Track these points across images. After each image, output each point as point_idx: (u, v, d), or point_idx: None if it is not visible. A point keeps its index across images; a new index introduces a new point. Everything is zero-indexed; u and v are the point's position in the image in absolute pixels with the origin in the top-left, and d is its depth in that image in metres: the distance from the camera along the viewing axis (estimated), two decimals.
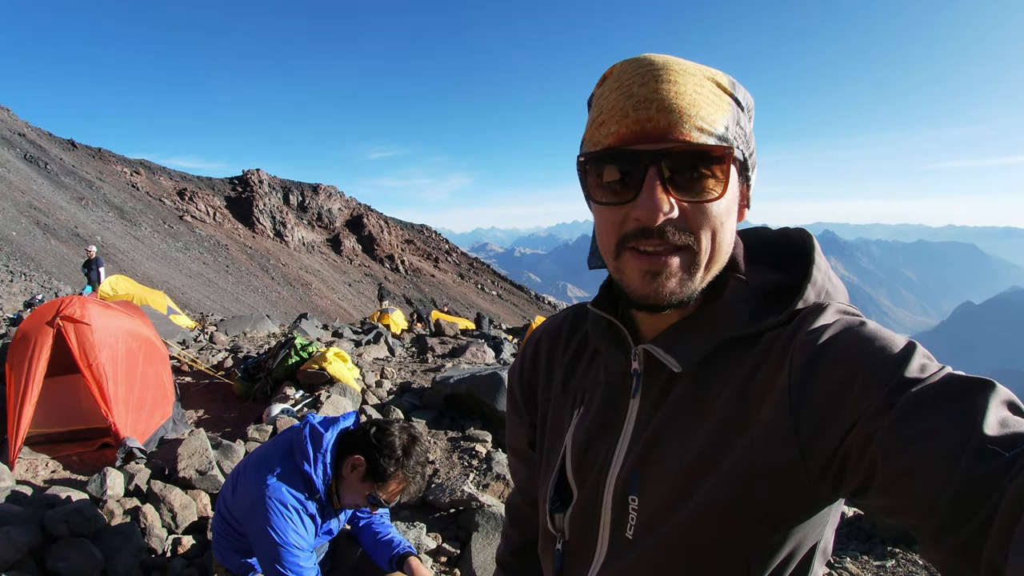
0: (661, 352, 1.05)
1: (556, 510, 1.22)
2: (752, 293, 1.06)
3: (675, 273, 0.97)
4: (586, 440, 1.17)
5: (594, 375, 1.23)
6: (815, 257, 1.05)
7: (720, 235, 0.98)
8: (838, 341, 0.91)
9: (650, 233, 0.95)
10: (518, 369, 1.44)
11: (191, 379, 8.43)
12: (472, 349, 13.57)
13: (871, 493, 0.83)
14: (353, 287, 71.20)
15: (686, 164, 0.93)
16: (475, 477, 6.09)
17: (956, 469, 0.72)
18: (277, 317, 27.23)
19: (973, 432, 0.74)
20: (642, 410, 1.10)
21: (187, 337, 12.00)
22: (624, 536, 1.07)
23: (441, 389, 8.07)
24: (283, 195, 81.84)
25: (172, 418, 6.17)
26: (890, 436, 0.79)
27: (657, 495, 1.03)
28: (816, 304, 1.00)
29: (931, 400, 0.79)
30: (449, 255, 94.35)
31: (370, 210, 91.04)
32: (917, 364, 0.84)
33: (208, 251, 59.18)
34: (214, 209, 70.11)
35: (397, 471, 2.75)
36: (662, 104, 0.93)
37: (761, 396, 0.96)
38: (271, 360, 8.26)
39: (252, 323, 15.40)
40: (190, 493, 4.45)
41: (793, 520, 0.95)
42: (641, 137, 0.94)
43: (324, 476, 2.76)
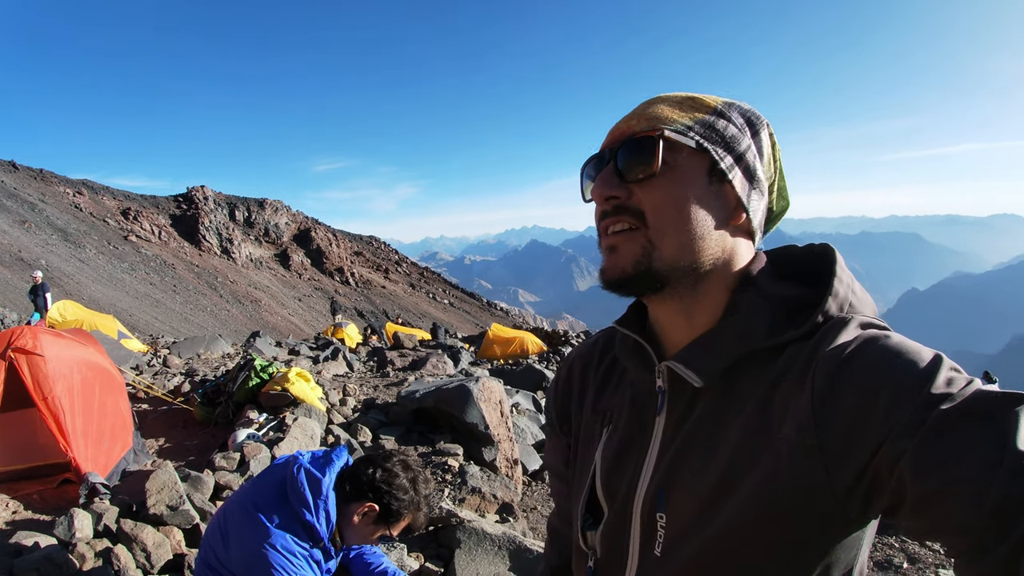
0: (682, 368, 1.05)
1: (588, 528, 1.23)
2: (772, 306, 1.05)
3: (627, 250, 1.05)
4: (614, 458, 1.19)
5: (622, 394, 1.24)
6: (837, 270, 1.05)
7: (678, 218, 1.03)
8: (861, 356, 0.90)
9: (607, 214, 1.08)
10: (553, 390, 1.47)
11: (148, 406, 8.19)
12: (432, 360, 13.52)
13: (902, 513, 0.83)
14: (303, 302, 70.40)
15: (630, 151, 1.05)
16: (451, 492, 6.02)
17: (990, 488, 0.72)
18: (228, 336, 26.76)
19: (1006, 449, 0.73)
20: (668, 427, 1.10)
21: (140, 362, 11.70)
22: (653, 553, 1.07)
23: (407, 404, 8.01)
24: (229, 211, 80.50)
25: (133, 448, 5.98)
26: (919, 455, 0.78)
27: (684, 512, 1.03)
28: (839, 318, 1.00)
29: (960, 417, 0.78)
30: (399, 265, 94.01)
31: (318, 223, 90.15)
32: (944, 379, 0.83)
33: (155, 271, 57.96)
34: (159, 228, 68.65)
35: (410, 514, 2.74)
36: (632, 115, 1.10)
37: (783, 413, 0.95)
38: (231, 383, 8.07)
39: (205, 344, 15.10)
40: (162, 530, 4.29)
41: (822, 541, 0.94)
42: (612, 142, 1.10)
43: (328, 524, 2.66)
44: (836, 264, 1.06)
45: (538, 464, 8.37)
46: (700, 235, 1.04)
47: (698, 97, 1.10)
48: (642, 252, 1.04)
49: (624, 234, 1.06)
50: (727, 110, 1.09)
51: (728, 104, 1.10)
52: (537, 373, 13.28)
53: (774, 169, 1.14)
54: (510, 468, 7.51)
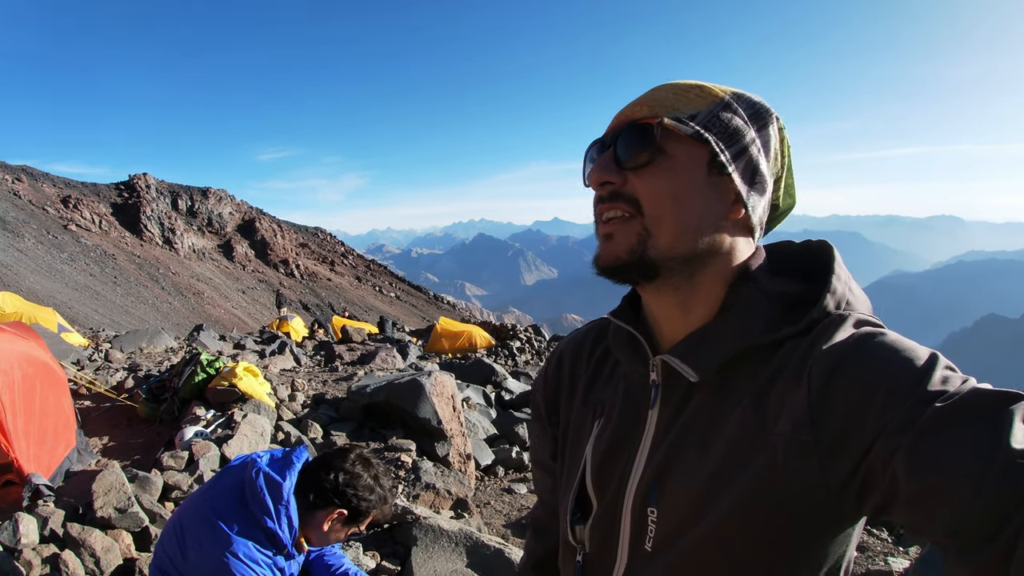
0: (678, 362, 1.05)
1: (576, 522, 1.22)
2: (769, 302, 1.05)
3: (622, 238, 1.05)
4: (606, 452, 1.18)
5: (614, 387, 1.24)
6: (835, 267, 1.06)
7: (674, 208, 1.03)
8: (857, 353, 0.91)
9: (603, 200, 1.08)
10: (542, 382, 1.46)
11: (91, 403, 7.93)
12: (381, 355, 13.47)
13: (895, 510, 0.83)
14: (247, 294, 69.16)
15: (630, 138, 1.05)
16: (404, 488, 6.00)
17: (983, 485, 0.73)
18: (171, 329, 26.20)
19: (1000, 446, 0.74)
20: (660, 421, 1.10)
21: (81, 356, 11.34)
22: (643, 548, 1.07)
23: (358, 399, 7.95)
24: (171, 200, 78.19)
25: (77, 448, 5.77)
26: (913, 452, 0.79)
27: (675, 507, 1.03)
28: (837, 315, 1.00)
29: (955, 415, 0.78)
30: (345, 258, 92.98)
31: (262, 213, 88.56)
32: (939, 376, 0.84)
33: (95, 262, 56.15)
34: (100, 217, 66.35)
35: (376, 509, 2.72)
36: (636, 101, 1.09)
37: (779, 408, 0.95)
38: (176, 379, 7.86)
39: (148, 338, 14.73)
40: (111, 534, 4.16)
41: (815, 537, 0.95)
42: (615, 127, 1.09)
43: (291, 531, 2.59)
44: (835, 261, 1.07)
45: (490, 459, 8.40)
46: (696, 226, 1.04)
47: (706, 86, 1.08)
48: (637, 240, 1.04)
49: (619, 222, 1.06)
50: (734, 101, 1.08)
51: (737, 95, 1.09)
52: (486, 367, 13.30)
53: (781, 165, 1.14)
54: (463, 463, 7.51)
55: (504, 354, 21.23)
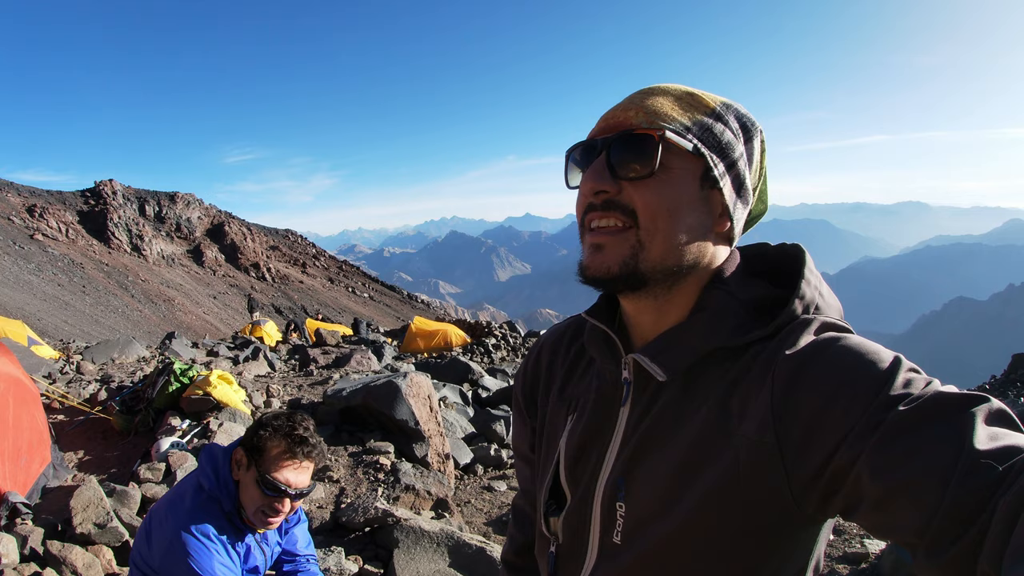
0: (647, 361, 1.07)
1: (551, 513, 1.25)
2: (740, 305, 1.07)
3: (615, 250, 1.04)
4: (578, 446, 1.20)
5: (588, 382, 1.25)
6: (805, 272, 1.08)
7: (666, 221, 1.03)
8: (821, 357, 0.93)
9: (595, 207, 1.07)
10: (522, 375, 1.48)
11: (64, 417, 7.83)
12: (356, 357, 13.40)
13: (860, 512, 0.84)
14: (219, 299, 68.41)
15: (626, 147, 1.04)
16: (384, 491, 6.01)
17: (947, 486, 0.74)
18: (142, 338, 25.88)
19: (963, 448, 0.75)
20: (631, 418, 1.12)
21: (52, 370, 11.18)
22: (612, 541, 1.09)
23: (335, 403, 7.92)
24: (139, 206, 76.84)
25: (52, 463, 5.72)
26: (877, 456, 0.80)
27: (642, 503, 1.05)
28: (803, 319, 1.02)
29: (918, 418, 0.80)
30: (317, 259, 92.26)
31: (231, 217, 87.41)
32: (902, 380, 0.85)
33: (63, 271, 55.21)
34: (66, 225, 65.07)
35: (271, 437, 2.52)
36: (628, 104, 1.08)
37: (743, 410, 0.97)
38: (150, 389, 7.80)
39: (120, 348, 14.55)
40: (91, 550, 4.14)
41: (779, 536, 0.96)
42: (605, 131, 1.09)
43: (227, 488, 2.54)
44: (805, 266, 1.09)
45: (469, 458, 8.41)
46: (686, 240, 1.05)
47: (698, 95, 1.09)
48: (630, 252, 1.03)
49: (612, 232, 1.05)
50: (725, 112, 1.09)
51: (726, 106, 1.10)
52: (462, 365, 13.31)
53: (759, 175, 1.16)
54: (442, 463, 7.52)
55: (480, 352, 21.21)
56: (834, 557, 5.56)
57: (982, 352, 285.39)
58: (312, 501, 5.79)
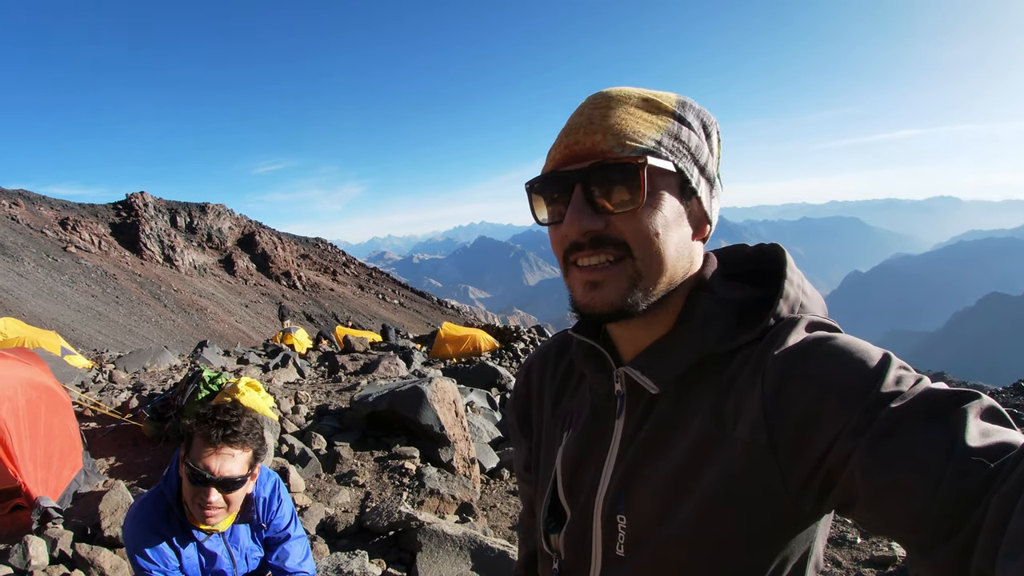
0: (638, 374, 1.06)
1: (551, 530, 1.24)
2: (725, 310, 1.06)
3: (613, 284, 1.01)
4: (575, 462, 1.20)
5: (580, 398, 1.25)
6: (787, 272, 1.07)
7: (660, 245, 1.00)
8: (810, 356, 0.93)
9: (581, 246, 1.02)
10: (513, 396, 1.48)
11: (96, 424, 8.00)
12: (384, 363, 13.44)
13: (855, 510, 0.85)
14: (250, 308, 69.00)
15: (605, 178, 0.99)
16: (409, 495, 6.04)
17: (940, 483, 0.74)
18: (175, 347, 26.21)
19: (955, 445, 0.75)
20: (626, 431, 1.11)
21: (85, 379, 11.41)
22: (615, 553, 1.09)
23: (361, 408, 7.98)
24: (170, 217, 77.97)
25: (83, 469, 5.84)
26: (870, 454, 0.80)
27: (642, 514, 1.05)
28: (789, 319, 1.01)
29: (909, 415, 0.80)
30: (347, 267, 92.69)
31: (262, 227, 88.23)
32: (893, 377, 0.85)
33: (96, 282, 56.04)
34: (99, 237, 66.11)
35: (194, 426, 2.50)
36: (589, 127, 1.01)
37: (736, 414, 0.97)
38: (180, 396, 7.91)
39: (152, 357, 14.77)
40: (119, 552, 4.23)
41: (778, 536, 0.97)
42: (571, 159, 1.03)
43: (170, 484, 2.58)
44: (786, 265, 1.08)
45: (495, 462, 8.41)
46: (678, 256, 1.04)
47: (656, 99, 1.04)
48: (630, 284, 1.01)
49: (608, 268, 1.01)
50: (685, 113, 1.05)
51: (683, 104, 1.06)
52: (490, 371, 13.32)
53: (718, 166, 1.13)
54: (467, 467, 7.54)
55: (508, 356, 21.21)
56: (861, 560, 5.50)
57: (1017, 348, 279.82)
58: (338, 505, 5.84)
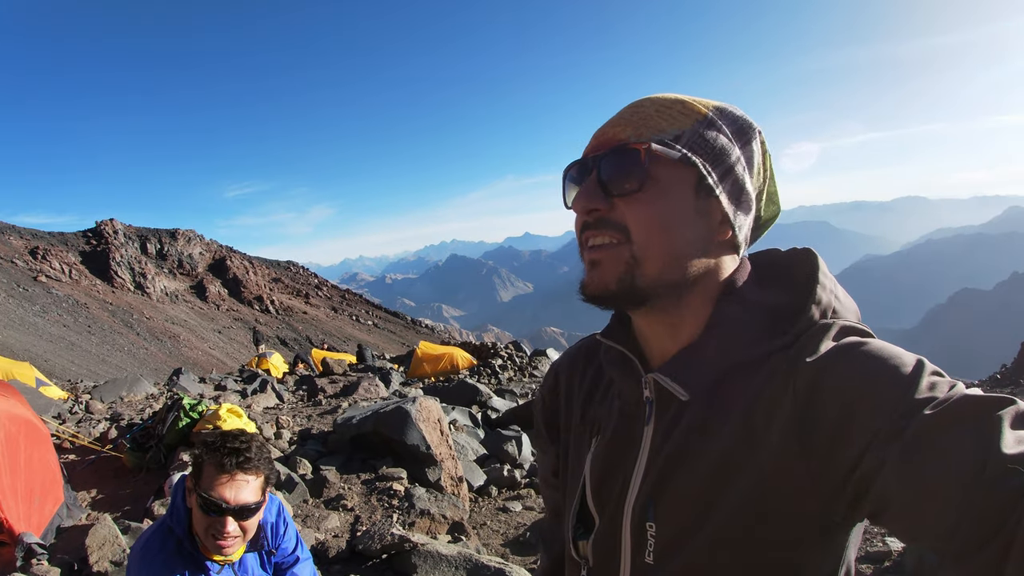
0: (668, 381, 1.05)
1: (579, 537, 1.22)
2: (756, 316, 1.05)
3: (609, 265, 1.03)
4: (604, 468, 1.18)
5: (609, 404, 1.23)
6: (820, 276, 1.06)
7: (662, 236, 1.01)
8: (842, 362, 0.92)
9: (588, 225, 1.06)
10: (540, 401, 1.46)
11: (75, 456, 7.86)
12: (364, 384, 13.38)
13: (888, 517, 0.83)
14: (224, 334, 68.32)
15: (615, 163, 1.03)
16: (399, 517, 5.98)
17: (975, 491, 0.73)
18: (149, 375, 25.88)
19: (990, 452, 0.73)
20: (656, 437, 1.10)
21: (62, 410, 11.21)
22: (644, 561, 1.07)
23: (345, 431, 7.91)
24: (140, 244, 76.96)
25: (65, 503, 5.73)
26: (904, 461, 0.79)
27: (672, 521, 1.04)
28: (821, 324, 1.00)
29: (944, 422, 0.78)
30: (319, 289, 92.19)
31: (233, 251, 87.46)
32: (927, 383, 0.84)
33: (67, 312, 55.21)
34: (69, 266, 65.11)
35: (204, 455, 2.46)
36: (618, 120, 1.07)
37: (768, 421, 0.96)
38: (160, 425, 7.82)
39: (128, 386, 14.58)
40: None
41: (810, 544, 0.95)
42: (597, 148, 1.07)
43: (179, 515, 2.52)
44: (819, 271, 1.07)
45: (482, 480, 8.38)
46: (685, 253, 1.03)
47: (688, 102, 1.07)
48: (626, 269, 1.02)
49: (607, 249, 1.04)
50: (718, 117, 1.06)
51: (720, 110, 1.07)
52: (470, 388, 13.27)
53: (764, 177, 1.13)
54: (455, 486, 7.50)
55: (487, 373, 21.16)
56: (856, 557, 5.52)
57: (992, 341, 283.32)
58: (327, 531, 5.77)
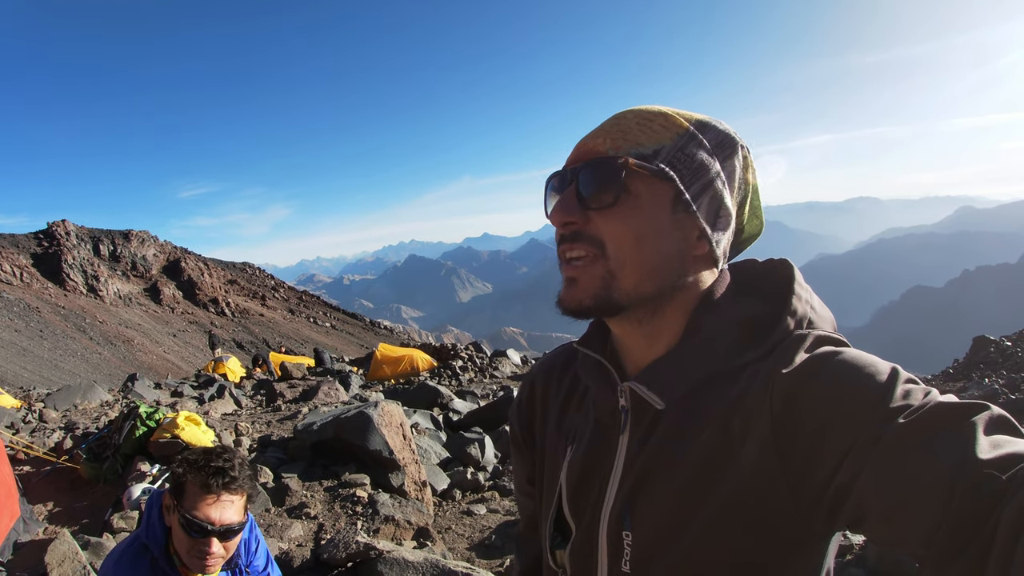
0: (644, 389, 1.06)
1: (557, 546, 1.23)
2: (732, 326, 1.06)
3: (586, 282, 1.04)
4: (580, 477, 1.19)
5: (585, 412, 1.25)
6: (796, 287, 1.08)
7: (636, 250, 1.02)
8: (817, 373, 0.93)
9: (565, 238, 1.07)
10: (516, 409, 1.47)
11: (30, 468, 7.65)
12: (324, 389, 13.26)
13: (867, 525, 0.84)
14: (179, 337, 67.03)
15: (592, 175, 1.04)
16: (364, 524, 5.96)
17: (952, 497, 0.73)
18: (103, 381, 25.40)
19: (965, 458, 0.74)
20: (631, 446, 1.11)
21: (14, 419, 10.93)
22: (621, 570, 1.07)
23: (306, 437, 7.83)
24: (93, 246, 74.66)
25: (21, 517, 5.59)
26: (881, 469, 0.80)
27: (648, 530, 1.05)
28: (797, 335, 1.02)
29: (919, 429, 0.80)
30: (276, 291, 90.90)
31: (187, 253, 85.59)
32: (901, 391, 0.85)
33: (18, 316, 53.61)
34: (20, 269, 63.09)
35: (187, 473, 2.41)
36: (599, 132, 1.07)
37: (744, 432, 0.97)
38: (116, 435, 7.65)
39: (82, 393, 14.28)
40: None
41: (788, 554, 0.96)
42: (577, 160, 1.08)
43: (155, 534, 2.45)
44: (795, 281, 1.10)
45: (446, 483, 8.37)
46: (659, 266, 1.05)
47: (671, 115, 1.07)
48: (601, 284, 1.03)
49: (583, 264, 1.05)
50: (700, 131, 1.07)
51: (702, 124, 1.08)
52: (431, 390, 13.23)
53: (746, 192, 1.15)
54: (419, 491, 7.48)
55: (447, 375, 21.07)
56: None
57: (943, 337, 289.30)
58: (291, 540, 5.72)
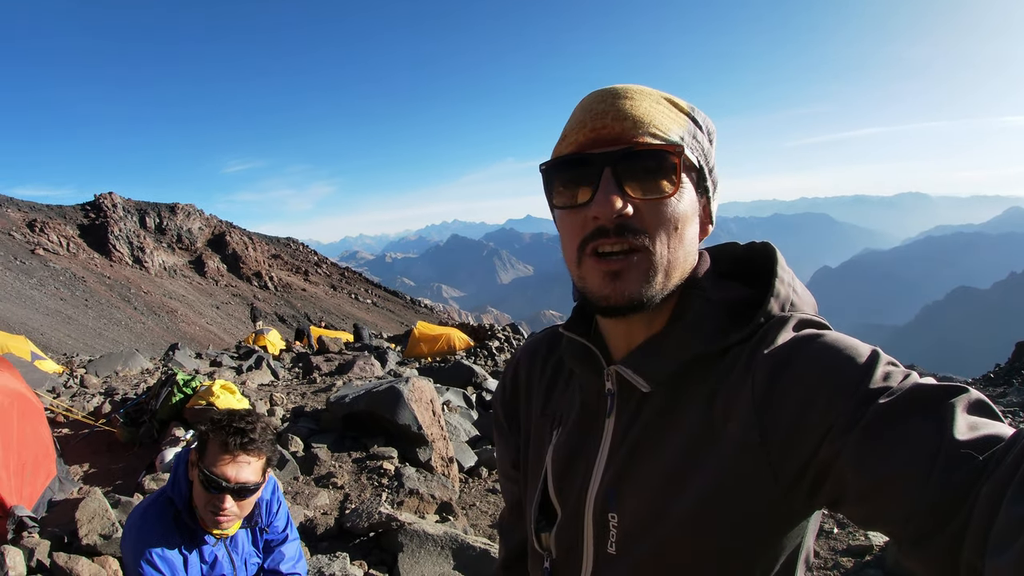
0: (630, 373, 1.07)
1: (542, 529, 1.24)
2: (717, 309, 1.07)
3: (633, 275, 1.00)
4: (565, 460, 1.20)
5: (571, 396, 1.25)
6: (778, 270, 1.08)
7: (677, 239, 1.02)
8: (799, 354, 0.94)
9: (607, 232, 0.99)
10: (500, 393, 1.47)
11: (69, 430, 7.88)
12: (360, 363, 13.37)
13: (846, 504, 0.86)
14: (221, 309, 68.19)
15: (639, 164, 0.99)
16: (388, 496, 6.02)
17: (929, 477, 0.75)
18: (145, 350, 25.90)
19: (943, 439, 0.76)
20: (617, 429, 1.12)
21: (56, 384, 11.24)
22: (607, 552, 1.09)
23: (338, 409, 7.94)
24: (139, 218, 76.46)
25: (57, 477, 5.75)
26: (860, 449, 0.81)
27: (634, 512, 1.06)
28: (779, 317, 1.02)
29: (898, 410, 0.81)
30: (319, 267, 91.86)
31: (232, 227, 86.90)
32: (881, 373, 0.86)
33: (65, 285, 54.91)
34: (67, 239, 64.66)
35: (209, 432, 2.52)
36: (617, 113, 1.00)
37: (727, 413, 0.98)
38: (153, 400, 7.81)
39: (123, 361, 14.58)
40: (97, 561, 4.18)
41: (770, 532, 0.97)
42: (597, 143, 1.01)
43: (180, 489, 2.57)
44: (777, 264, 1.09)
45: (473, 461, 8.42)
46: (689, 253, 1.06)
47: (674, 100, 1.07)
48: (646, 277, 1.01)
49: (627, 258, 1.00)
50: (696, 116, 1.08)
51: (693, 109, 1.08)
52: (466, 369, 13.30)
53: None
54: (446, 467, 7.55)
55: (483, 355, 21.18)
56: (838, 550, 5.57)
57: (986, 341, 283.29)
58: (317, 508, 5.81)
